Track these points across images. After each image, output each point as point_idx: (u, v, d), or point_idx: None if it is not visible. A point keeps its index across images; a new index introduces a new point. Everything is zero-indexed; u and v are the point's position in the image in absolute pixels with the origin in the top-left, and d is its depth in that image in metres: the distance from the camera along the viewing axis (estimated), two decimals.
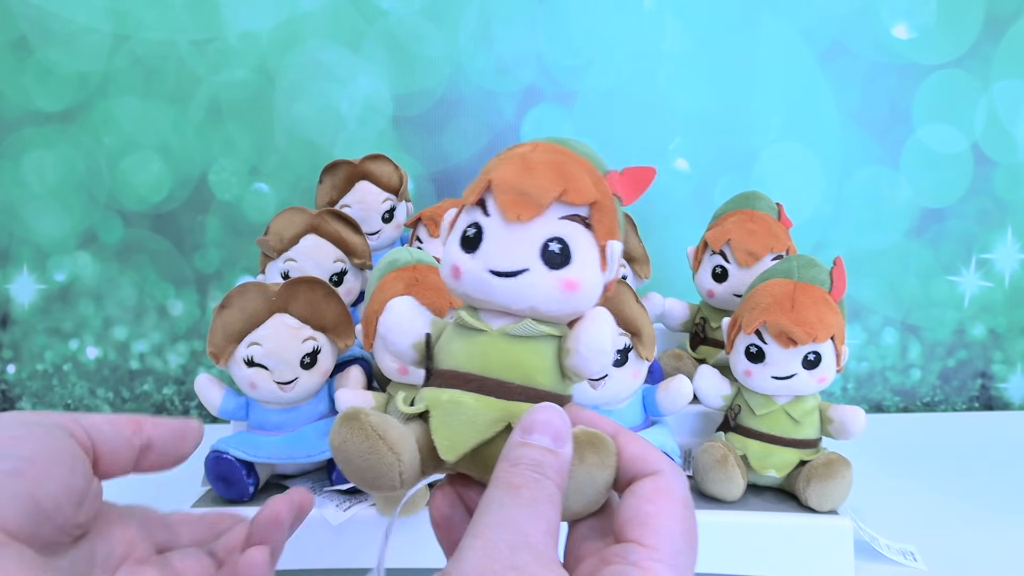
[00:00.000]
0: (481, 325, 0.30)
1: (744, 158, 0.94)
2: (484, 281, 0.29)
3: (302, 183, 0.92)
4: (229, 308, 0.56)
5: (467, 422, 0.29)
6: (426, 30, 0.91)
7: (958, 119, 0.94)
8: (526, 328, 0.29)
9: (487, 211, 0.29)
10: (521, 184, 0.29)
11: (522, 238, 0.29)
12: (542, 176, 0.29)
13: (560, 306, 0.29)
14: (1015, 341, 0.99)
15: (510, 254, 0.29)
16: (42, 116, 0.89)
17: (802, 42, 0.93)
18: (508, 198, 0.29)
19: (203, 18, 0.89)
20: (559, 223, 0.29)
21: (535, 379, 0.29)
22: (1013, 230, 0.96)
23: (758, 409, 0.59)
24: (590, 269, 0.29)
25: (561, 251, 0.29)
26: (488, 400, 0.29)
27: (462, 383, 0.29)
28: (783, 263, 0.60)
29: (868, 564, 0.57)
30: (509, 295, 0.29)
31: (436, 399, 0.29)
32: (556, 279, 0.29)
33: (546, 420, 0.27)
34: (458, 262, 0.30)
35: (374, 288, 0.56)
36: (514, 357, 0.29)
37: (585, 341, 0.29)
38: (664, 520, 0.25)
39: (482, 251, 0.29)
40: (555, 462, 0.26)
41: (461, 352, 0.30)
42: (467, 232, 0.30)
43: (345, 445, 0.28)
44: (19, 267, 0.92)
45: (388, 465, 0.27)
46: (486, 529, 0.24)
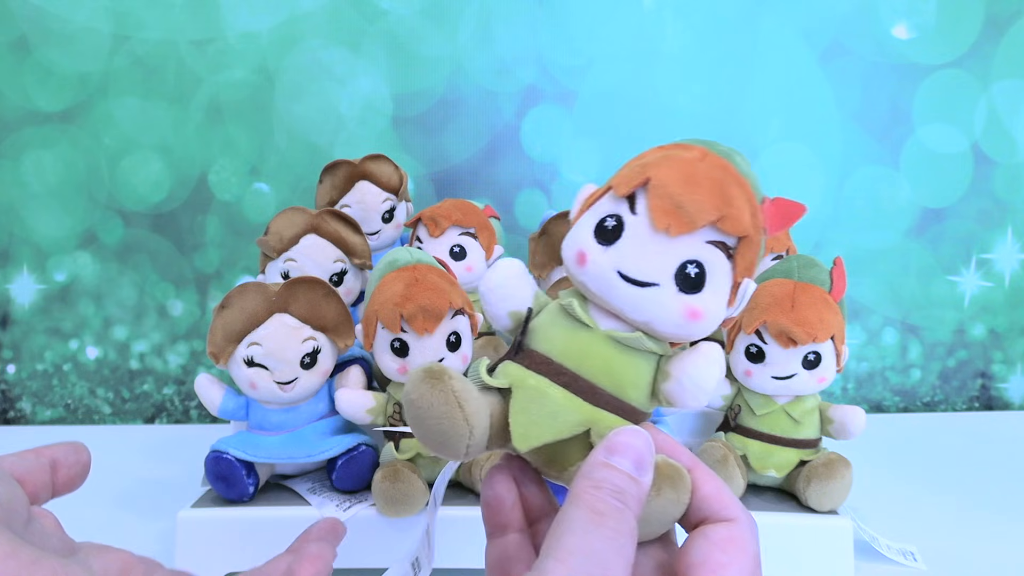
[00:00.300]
0: (589, 320, 0.28)
1: None
2: (609, 280, 0.27)
3: (302, 183, 0.92)
4: (229, 308, 0.56)
5: (548, 416, 0.28)
6: (426, 30, 0.91)
7: (958, 119, 0.94)
8: (635, 340, 0.28)
9: (635, 209, 0.28)
10: (680, 195, 0.27)
11: (663, 251, 0.27)
12: (704, 193, 0.27)
13: (677, 330, 0.28)
14: (1015, 341, 0.99)
15: (646, 263, 0.27)
16: (42, 116, 0.89)
17: (802, 42, 0.93)
18: (663, 205, 0.27)
19: (203, 18, 0.89)
20: (704, 247, 0.27)
21: (626, 392, 0.28)
22: (1013, 230, 0.96)
23: (758, 409, 0.59)
24: (719, 302, 0.28)
25: (697, 276, 0.27)
26: (575, 400, 0.28)
27: (553, 374, 0.28)
28: (783, 263, 0.60)
29: (868, 564, 0.57)
30: (630, 303, 0.27)
31: (522, 380, 0.28)
32: (683, 303, 0.27)
33: (631, 444, 0.26)
34: (588, 250, 0.28)
35: (374, 288, 0.56)
36: (613, 364, 0.28)
37: (691, 374, 0.28)
38: (733, 573, 0.25)
39: (617, 248, 0.27)
40: (636, 491, 0.26)
41: (560, 341, 0.29)
42: (607, 222, 0.28)
43: (422, 402, 0.27)
44: (19, 267, 0.92)
45: (459, 435, 0.27)
46: (570, 555, 0.23)
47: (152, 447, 0.83)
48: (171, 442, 0.85)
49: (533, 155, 0.94)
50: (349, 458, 0.56)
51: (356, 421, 0.57)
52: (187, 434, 0.89)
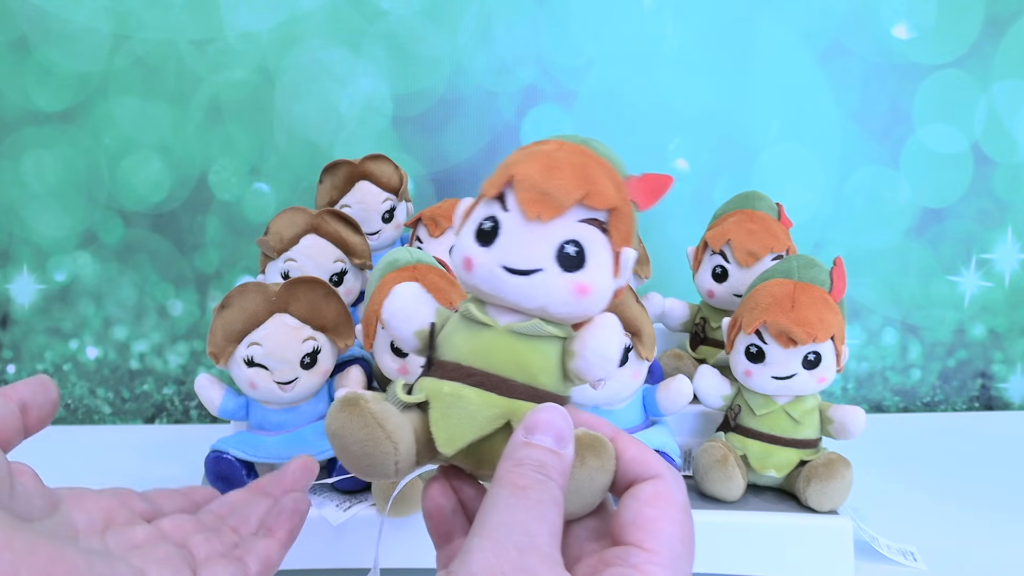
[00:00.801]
0: (488, 320, 0.30)
1: (744, 158, 0.94)
2: (496, 276, 0.29)
3: (302, 183, 0.92)
4: (229, 308, 0.56)
5: (467, 416, 0.28)
6: (426, 30, 0.91)
7: (958, 119, 0.94)
8: (533, 328, 0.29)
9: (506, 206, 0.29)
10: (544, 183, 0.29)
11: (539, 237, 0.29)
12: (566, 177, 0.29)
13: (570, 309, 0.29)
14: (1015, 341, 0.99)
15: (526, 252, 0.29)
16: (42, 116, 0.89)
17: (802, 42, 0.93)
18: (530, 195, 0.29)
19: (203, 18, 0.89)
20: (577, 226, 0.29)
21: (538, 379, 0.29)
22: (1013, 230, 0.96)
23: (758, 409, 0.59)
24: (603, 274, 0.29)
25: (577, 254, 0.29)
26: (490, 396, 0.29)
27: (464, 376, 0.29)
28: (783, 263, 0.60)
29: (868, 564, 0.57)
30: (520, 293, 0.29)
31: (437, 390, 0.29)
32: (569, 281, 0.28)
33: (549, 420, 0.27)
34: (472, 255, 0.29)
35: (374, 288, 0.56)
36: (519, 355, 0.29)
37: (591, 346, 0.29)
38: (664, 524, 0.26)
39: (498, 246, 0.29)
40: (558, 463, 0.26)
41: (465, 345, 0.30)
42: (484, 225, 0.29)
43: (343, 430, 0.27)
44: (19, 267, 0.92)
45: (384, 454, 0.27)
46: (493, 530, 0.24)
47: (152, 447, 0.83)
48: (171, 442, 0.85)
49: None
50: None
51: None
52: (187, 434, 0.89)
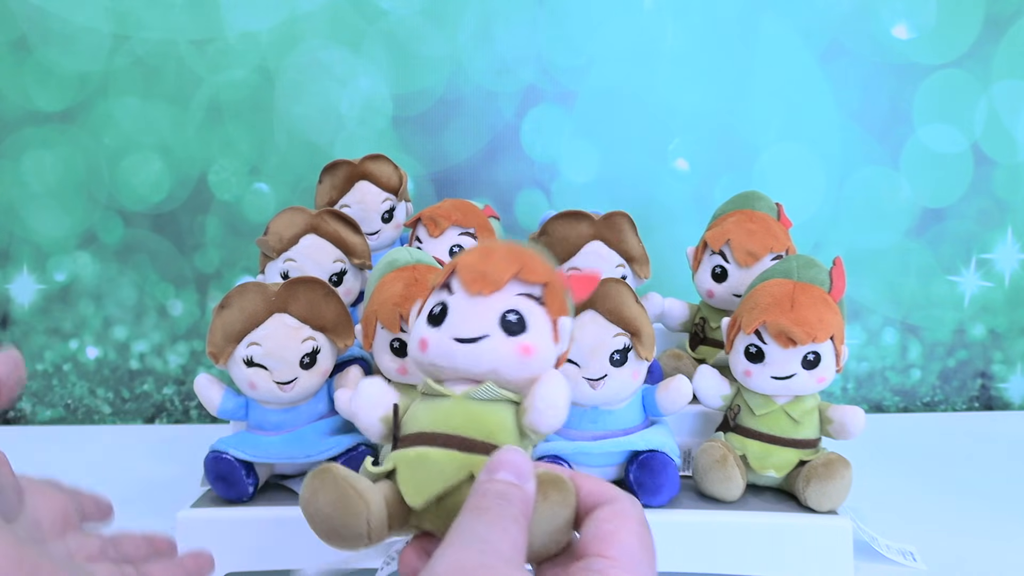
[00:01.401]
0: (445, 391, 0.33)
1: (744, 158, 0.94)
2: (448, 348, 0.32)
3: (302, 183, 0.92)
4: (228, 308, 0.56)
5: (433, 472, 0.31)
6: (426, 30, 0.91)
7: (958, 119, 0.94)
8: (487, 391, 0.32)
9: (451, 290, 0.33)
10: (482, 265, 0.33)
11: (483, 309, 0.32)
12: (501, 259, 0.33)
13: (517, 370, 0.32)
14: (1015, 341, 0.99)
15: (472, 323, 0.32)
16: (42, 116, 0.89)
17: (802, 42, 0.93)
18: (471, 276, 0.33)
19: (203, 18, 0.89)
20: (516, 298, 0.33)
21: (497, 436, 0.32)
22: (1013, 230, 0.96)
23: (757, 409, 0.59)
24: (544, 339, 0.33)
25: (518, 320, 0.32)
26: (452, 453, 0.31)
27: (427, 441, 0.32)
28: (783, 263, 0.60)
29: (868, 564, 0.57)
30: (471, 359, 0.32)
31: (403, 457, 0.32)
32: (513, 344, 0.32)
33: (509, 460, 0.29)
34: (425, 335, 0.33)
35: (374, 288, 0.56)
36: (476, 417, 0.32)
37: (541, 395, 0.32)
38: (622, 535, 0.28)
39: (447, 323, 0.33)
40: (519, 494, 0.28)
41: (426, 415, 0.32)
42: (434, 310, 0.33)
43: (315, 496, 0.30)
44: (19, 267, 0.92)
45: (356, 513, 0.29)
46: (456, 540, 0.25)
47: (152, 447, 0.83)
48: (171, 442, 0.85)
49: (533, 155, 0.94)
50: (348, 458, 0.56)
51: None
52: (187, 434, 0.89)
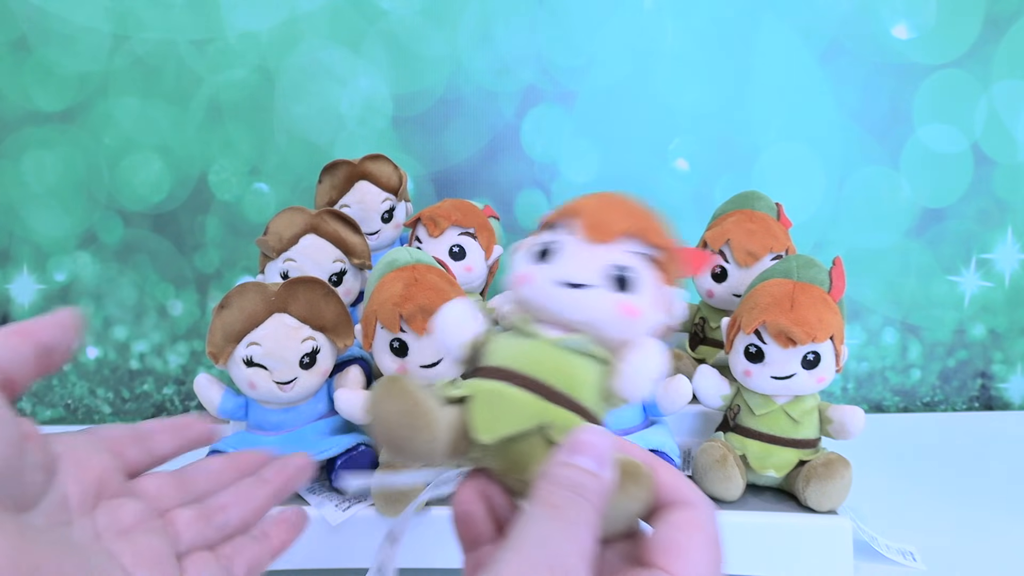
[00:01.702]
0: (535, 331, 0.31)
1: (744, 158, 0.94)
2: (550, 289, 0.30)
3: (302, 183, 0.92)
4: (228, 308, 0.56)
5: (508, 410, 0.29)
6: (426, 30, 0.91)
7: (958, 119, 0.94)
8: (579, 342, 0.30)
9: (567, 231, 0.31)
10: (605, 213, 0.31)
11: (595, 257, 0.30)
12: (626, 211, 0.32)
13: (615, 327, 0.30)
14: (1015, 341, 0.99)
15: (581, 269, 0.30)
16: (42, 116, 0.89)
17: (802, 42, 0.93)
18: (590, 220, 0.31)
19: (203, 18, 0.89)
20: (631, 255, 0.31)
21: (578, 391, 0.30)
22: (1013, 230, 0.96)
23: (757, 409, 0.59)
24: (650, 303, 0.31)
25: (627, 277, 0.30)
26: (531, 397, 0.29)
27: (508, 378, 0.30)
28: (782, 263, 0.60)
29: (868, 564, 0.57)
30: (570, 305, 0.30)
31: (480, 388, 0.30)
32: (617, 301, 0.30)
33: (591, 442, 0.27)
34: (528, 270, 0.31)
35: (373, 288, 0.56)
36: (562, 365, 0.30)
37: (633, 363, 0.30)
38: (695, 552, 0.26)
39: (554, 263, 0.31)
40: (596, 486, 0.26)
41: (510, 351, 0.31)
42: (543, 246, 0.31)
43: (384, 403, 0.28)
44: (19, 267, 0.92)
45: (420, 428, 0.28)
46: (524, 545, 0.24)
47: None
48: None
49: (533, 155, 0.94)
50: (348, 458, 0.56)
51: (355, 421, 0.57)
52: None
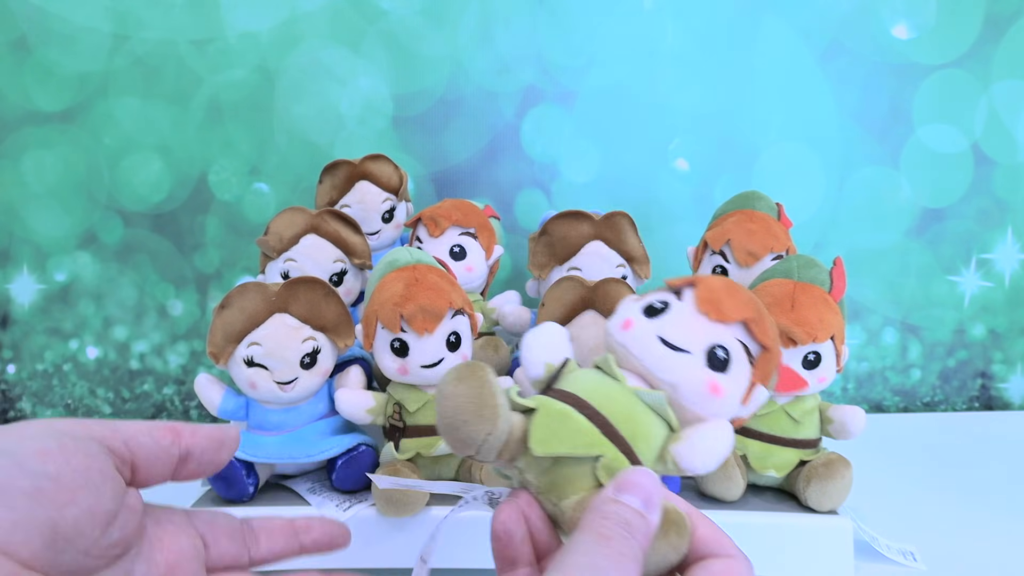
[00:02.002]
0: (619, 375, 0.32)
1: (744, 158, 0.94)
2: (648, 343, 0.31)
3: (302, 183, 0.92)
4: (229, 308, 0.56)
5: (569, 432, 0.30)
6: (426, 30, 0.91)
7: (958, 119, 0.94)
8: (655, 399, 0.31)
9: (681, 297, 0.32)
10: (724, 293, 0.32)
11: (700, 329, 0.31)
12: (743, 300, 0.32)
13: (696, 400, 0.31)
14: (1015, 341, 0.99)
15: (683, 333, 0.31)
16: (42, 116, 0.89)
17: (802, 42, 0.93)
18: (707, 295, 0.32)
19: (203, 18, 0.89)
20: (733, 340, 0.32)
21: (638, 444, 0.30)
22: (1013, 230, 0.96)
23: (758, 409, 0.59)
24: (736, 389, 0.31)
25: (724, 359, 0.31)
26: (594, 429, 0.30)
27: (578, 405, 0.30)
28: (783, 263, 0.60)
29: (868, 564, 0.57)
30: (663, 364, 0.31)
31: (548, 404, 0.31)
32: (708, 376, 0.31)
33: (640, 483, 0.27)
34: (634, 319, 0.32)
35: (374, 288, 0.56)
36: (632, 413, 0.30)
37: (703, 435, 0.31)
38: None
39: (661, 320, 0.32)
40: (643, 526, 0.26)
41: (588, 384, 0.31)
42: (656, 303, 0.32)
43: (458, 383, 0.29)
44: (19, 267, 0.92)
45: (484, 419, 0.28)
46: (573, 570, 0.24)
47: None
48: None
49: (533, 155, 0.94)
50: (349, 458, 0.56)
51: (356, 421, 0.57)
52: None
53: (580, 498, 0.29)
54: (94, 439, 0.26)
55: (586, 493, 0.29)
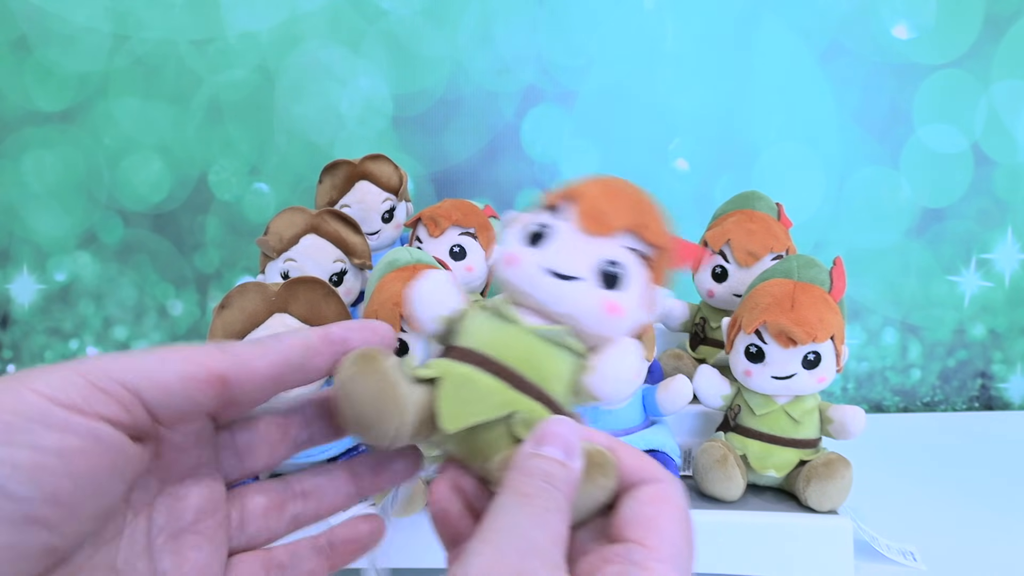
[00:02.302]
0: (514, 316, 0.30)
1: (744, 158, 0.94)
2: (536, 277, 0.29)
3: (302, 183, 0.92)
4: (229, 308, 0.56)
5: (476, 398, 0.29)
6: (426, 30, 0.91)
7: (958, 119, 0.94)
8: (556, 334, 0.30)
9: (562, 216, 0.30)
10: (605, 203, 0.30)
11: (587, 250, 0.29)
12: (627, 204, 0.30)
13: (596, 324, 0.29)
14: (1015, 341, 0.99)
15: (571, 260, 0.29)
16: (42, 116, 0.89)
17: (802, 42, 0.93)
18: (588, 210, 0.30)
19: (203, 18, 0.89)
20: (624, 251, 0.30)
21: (550, 384, 0.29)
22: (1013, 230, 0.96)
23: (758, 409, 0.59)
24: (635, 302, 0.30)
25: (617, 274, 0.29)
26: (501, 384, 0.29)
27: (479, 363, 0.29)
28: (783, 263, 0.60)
29: (868, 564, 0.57)
30: (555, 296, 0.29)
31: (450, 370, 0.29)
32: (602, 297, 0.29)
33: (559, 432, 0.27)
34: (518, 253, 0.30)
35: (374, 288, 0.56)
36: (536, 355, 0.29)
37: (609, 362, 0.30)
38: (665, 523, 0.26)
39: (545, 249, 0.30)
40: (566, 475, 0.26)
41: (485, 335, 0.30)
42: (536, 228, 0.30)
43: (354, 381, 0.27)
44: (19, 267, 0.92)
45: (389, 414, 0.27)
46: (495, 534, 0.24)
47: None
48: None
49: (533, 155, 0.94)
50: (349, 458, 0.56)
51: None
52: None
53: (504, 456, 0.28)
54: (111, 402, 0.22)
55: (508, 451, 0.28)
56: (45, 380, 0.21)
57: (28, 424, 0.20)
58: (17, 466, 0.20)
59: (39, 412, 0.21)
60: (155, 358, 0.23)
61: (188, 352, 0.24)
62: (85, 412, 0.21)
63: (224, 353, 0.25)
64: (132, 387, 0.22)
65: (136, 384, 0.22)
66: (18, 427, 0.20)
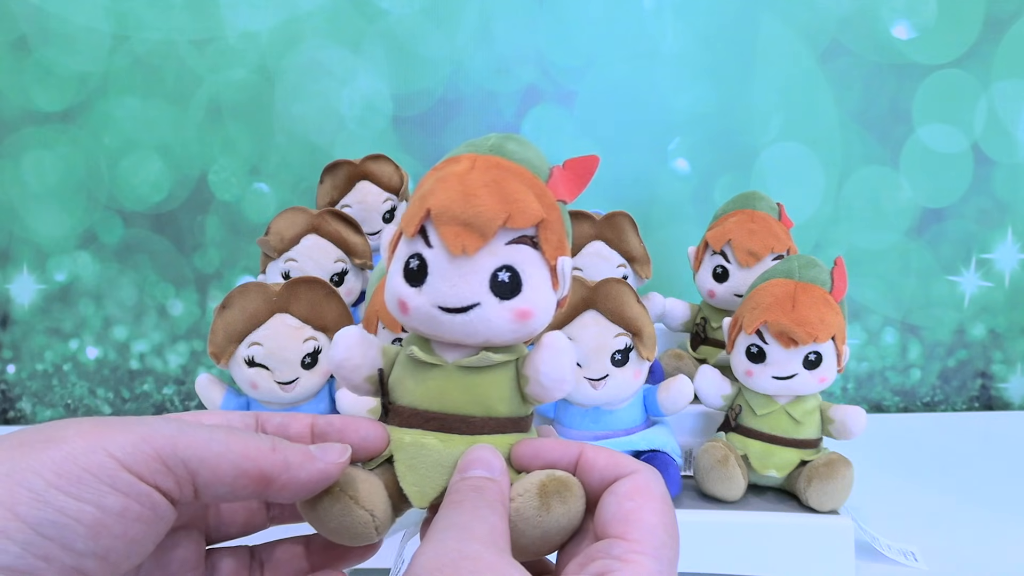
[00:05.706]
0: (435, 360, 0.29)
1: (744, 158, 0.94)
2: (434, 317, 0.28)
3: (302, 183, 0.92)
4: (230, 308, 0.56)
5: (433, 465, 0.28)
6: (426, 30, 0.91)
7: (958, 119, 0.94)
8: (482, 360, 0.29)
9: (429, 242, 0.28)
10: (463, 213, 0.27)
11: (469, 271, 0.27)
12: (484, 201, 0.27)
13: (515, 335, 0.29)
14: (1015, 341, 0.99)
15: (458, 289, 0.27)
16: (42, 116, 0.89)
17: (802, 42, 0.93)
18: (451, 229, 0.27)
19: (203, 18, 0.89)
20: (506, 249, 0.28)
21: (496, 409, 0.29)
22: (1013, 230, 0.96)
23: (759, 409, 0.59)
24: (542, 293, 0.28)
25: (511, 279, 0.28)
26: (451, 439, 0.29)
27: (423, 422, 0.29)
28: (784, 263, 0.60)
29: (869, 564, 0.57)
30: (461, 331, 0.28)
31: (399, 441, 0.29)
32: (508, 310, 0.28)
33: (479, 457, 0.28)
34: (405, 297, 0.28)
35: (375, 288, 0.56)
36: (472, 391, 0.29)
37: (545, 371, 0.29)
38: (645, 515, 0.26)
39: (428, 286, 0.28)
40: (494, 487, 0.27)
41: (418, 389, 0.29)
42: (410, 264, 0.28)
43: (316, 510, 0.27)
44: (19, 267, 0.92)
45: (363, 523, 0.27)
46: (434, 534, 0.25)
47: None
48: None
49: None
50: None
51: None
52: None
53: None
54: (170, 477, 0.24)
55: None
56: (119, 444, 0.23)
57: (97, 484, 0.22)
58: (81, 521, 0.21)
59: (108, 474, 0.22)
60: (219, 444, 0.24)
61: (247, 442, 0.25)
62: (147, 481, 0.23)
63: (277, 453, 0.26)
64: (191, 468, 0.24)
65: (195, 467, 0.24)
66: (88, 484, 0.22)
